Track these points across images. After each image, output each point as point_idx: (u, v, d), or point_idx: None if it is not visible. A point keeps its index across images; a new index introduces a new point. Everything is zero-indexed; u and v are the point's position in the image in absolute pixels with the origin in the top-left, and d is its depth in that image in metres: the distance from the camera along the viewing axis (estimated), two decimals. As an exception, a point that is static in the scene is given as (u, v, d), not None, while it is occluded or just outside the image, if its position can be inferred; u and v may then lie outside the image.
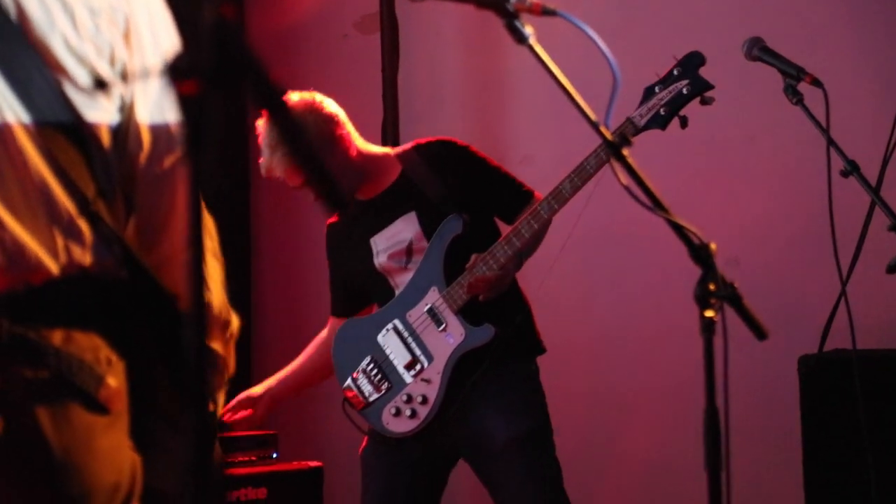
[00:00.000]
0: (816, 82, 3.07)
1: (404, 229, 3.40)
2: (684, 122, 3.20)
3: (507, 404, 3.32)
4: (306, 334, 5.44)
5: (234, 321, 2.03)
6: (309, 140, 1.46)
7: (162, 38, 1.96)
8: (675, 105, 3.18)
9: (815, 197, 3.34)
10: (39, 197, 1.85)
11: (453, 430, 3.35)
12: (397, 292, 3.42)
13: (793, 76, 3.08)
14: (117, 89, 1.90)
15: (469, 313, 3.32)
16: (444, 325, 3.34)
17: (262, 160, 3.40)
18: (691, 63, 3.19)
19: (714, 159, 4.39)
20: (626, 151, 1.94)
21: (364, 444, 3.51)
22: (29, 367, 1.82)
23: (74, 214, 1.86)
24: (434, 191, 3.38)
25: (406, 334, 3.39)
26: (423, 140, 3.51)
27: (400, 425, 3.38)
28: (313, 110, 3.38)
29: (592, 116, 1.98)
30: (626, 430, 4.60)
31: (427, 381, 3.34)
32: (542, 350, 3.45)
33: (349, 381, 3.49)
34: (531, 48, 1.98)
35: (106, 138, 1.90)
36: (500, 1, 1.96)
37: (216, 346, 1.99)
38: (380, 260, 3.42)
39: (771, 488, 4.17)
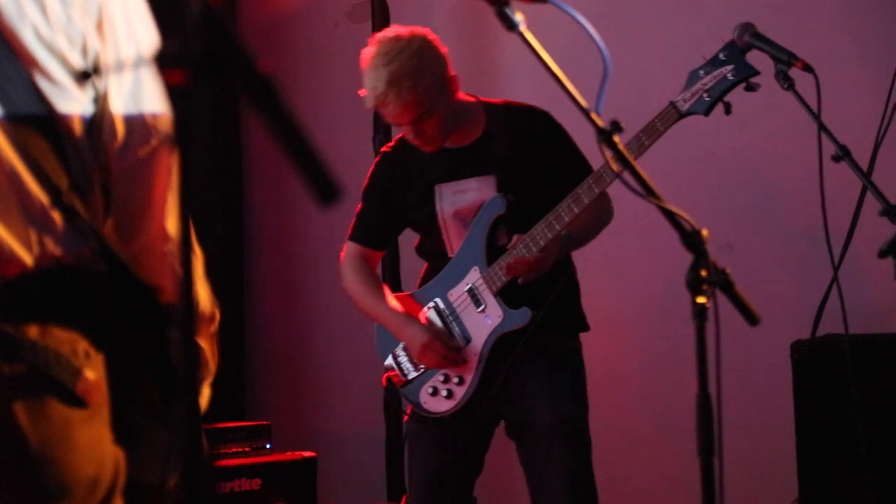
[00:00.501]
0: (808, 68, 3.06)
1: (478, 189, 3.34)
2: (728, 109, 3.15)
3: (551, 385, 3.30)
4: (300, 325, 5.46)
5: (217, 316, 2.01)
6: (300, 129, 1.45)
7: (137, 28, 1.94)
8: (719, 90, 3.14)
9: (806, 182, 3.34)
10: (11, 189, 1.83)
11: (495, 407, 3.34)
12: (448, 251, 3.38)
13: (784, 61, 3.08)
14: (91, 80, 1.88)
15: (508, 295, 3.29)
16: (483, 307, 3.31)
17: (370, 91, 3.24)
18: (737, 47, 3.14)
19: (705, 145, 4.39)
20: (616, 138, 1.93)
21: (407, 417, 3.49)
22: (4, 360, 1.81)
23: (47, 206, 1.84)
24: (513, 158, 3.32)
25: (447, 313, 3.37)
26: (515, 102, 3.44)
27: (437, 405, 3.36)
28: (431, 48, 3.27)
29: (583, 103, 1.98)
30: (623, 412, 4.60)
31: (464, 361, 3.32)
32: (585, 327, 3.42)
33: (390, 358, 3.45)
34: (521, 35, 1.98)
35: (79, 130, 1.88)
36: (490, -12, 1.95)
37: (199, 340, 1.97)
38: (443, 207, 3.36)
39: (764, 473, 4.18)
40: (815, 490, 3.66)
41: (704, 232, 1.84)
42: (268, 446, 4.33)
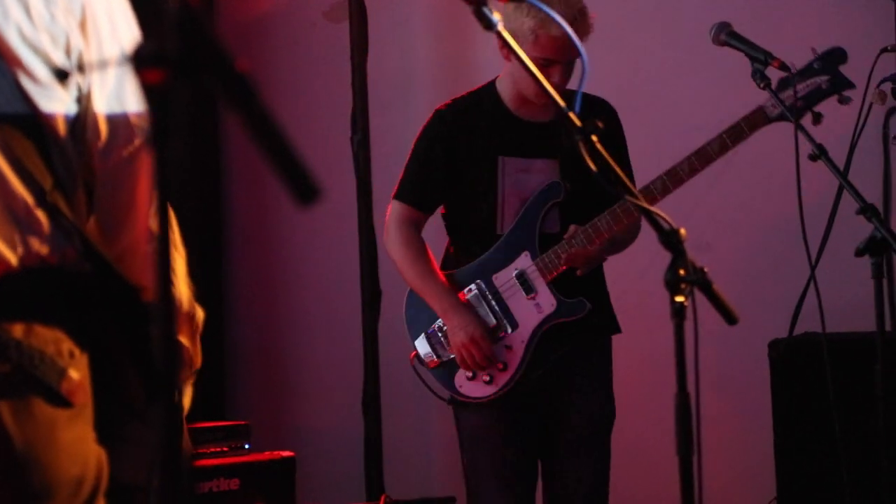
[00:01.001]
0: (784, 66, 3.08)
1: (543, 171, 3.27)
2: (818, 118, 3.13)
3: (592, 382, 3.30)
4: (279, 325, 5.44)
5: (200, 314, 2.01)
6: (278, 129, 1.44)
7: (121, 27, 1.93)
8: (812, 99, 3.14)
9: (783, 181, 3.35)
10: None
11: (535, 398, 3.28)
12: (498, 227, 3.27)
13: (760, 61, 3.09)
14: (74, 79, 1.88)
15: (558, 284, 3.23)
16: (533, 293, 3.23)
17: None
18: (832, 59, 3.15)
19: (682, 145, 4.40)
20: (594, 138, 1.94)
21: (471, 417, 3.33)
22: None
23: (32, 206, 1.84)
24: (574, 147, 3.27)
25: (490, 297, 3.26)
26: (588, 93, 3.29)
27: (475, 390, 3.25)
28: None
29: (561, 102, 1.99)
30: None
31: (509, 347, 3.23)
32: (618, 329, 3.39)
33: (422, 337, 3.31)
34: (499, 35, 1.98)
35: (63, 129, 1.88)
36: (468, -12, 1.95)
37: (182, 338, 1.97)
38: (505, 181, 3.26)
39: (743, 471, 4.19)
40: (792, 488, 3.68)
41: (682, 231, 1.84)
42: (246, 446, 4.31)
